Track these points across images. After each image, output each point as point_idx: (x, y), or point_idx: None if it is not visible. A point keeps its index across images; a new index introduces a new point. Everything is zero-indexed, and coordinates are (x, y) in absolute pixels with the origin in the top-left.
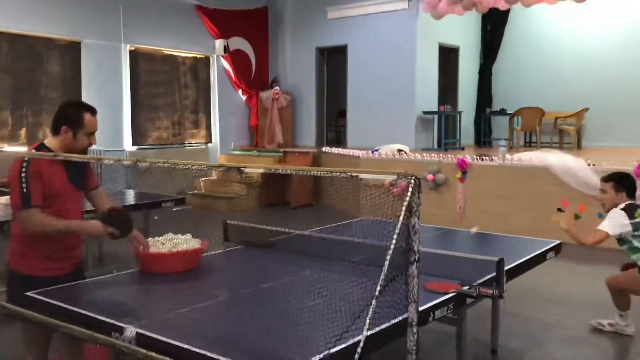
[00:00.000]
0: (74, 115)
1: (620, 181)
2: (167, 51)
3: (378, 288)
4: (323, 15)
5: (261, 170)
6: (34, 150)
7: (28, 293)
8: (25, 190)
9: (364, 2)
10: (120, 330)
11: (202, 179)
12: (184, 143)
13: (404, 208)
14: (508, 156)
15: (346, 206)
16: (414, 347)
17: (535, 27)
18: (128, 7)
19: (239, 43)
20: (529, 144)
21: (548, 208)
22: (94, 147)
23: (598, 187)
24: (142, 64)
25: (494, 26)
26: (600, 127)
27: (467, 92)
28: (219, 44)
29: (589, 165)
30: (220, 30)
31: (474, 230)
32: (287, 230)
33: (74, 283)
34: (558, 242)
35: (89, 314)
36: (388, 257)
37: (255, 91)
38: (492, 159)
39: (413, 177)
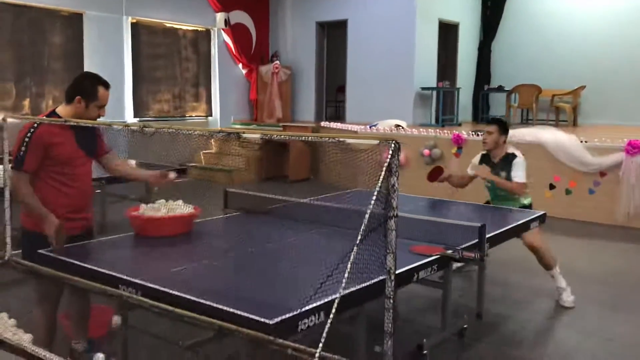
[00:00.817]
0: (89, 88)
1: (504, 125)
2: (168, 24)
3: (359, 237)
4: None
5: (258, 136)
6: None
7: (41, 250)
8: (21, 154)
9: None
10: (127, 283)
11: (203, 151)
12: (185, 116)
13: (384, 168)
14: None
15: (342, 179)
16: (392, 292)
17: (534, 4)
18: None
19: (239, 16)
20: (526, 121)
21: (540, 183)
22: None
23: (589, 164)
24: (144, 37)
25: (494, 3)
26: (596, 105)
27: (466, 68)
28: (220, 17)
29: (581, 142)
30: (222, 3)
31: None
32: (283, 198)
33: (81, 243)
34: (542, 212)
35: (97, 269)
36: (368, 211)
37: (255, 65)
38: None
39: (393, 142)
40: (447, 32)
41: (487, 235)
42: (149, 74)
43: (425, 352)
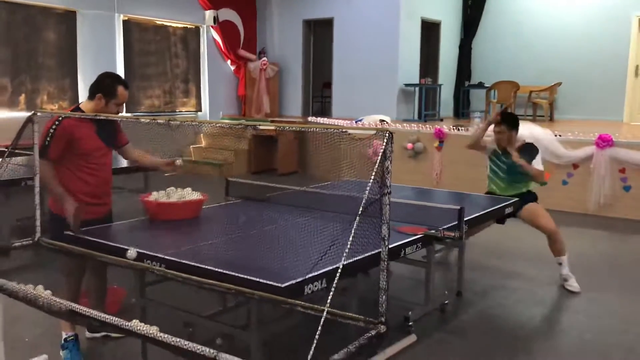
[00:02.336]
0: (109, 87)
1: (512, 121)
2: (159, 21)
3: (360, 209)
4: None
5: (272, 127)
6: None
7: (68, 232)
8: (47, 143)
9: None
10: (152, 258)
11: (192, 146)
12: (175, 111)
13: (381, 152)
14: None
15: (329, 173)
16: (386, 256)
17: (513, 4)
18: None
19: (228, 14)
20: None
21: None
22: None
23: (562, 156)
24: (135, 34)
25: (474, 3)
26: (572, 101)
27: (447, 65)
28: (209, 14)
29: (555, 136)
30: (210, 1)
31: None
32: (280, 186)
33: (103, 225)
34: (515, 199)
35: (123, 246)
36: (368, 188)
37: (243, 62)
38: (467, 130)
39: (387, 132)
40: (430, 31)
41: (466, 218)
42: (140, 70)
43: (410, 323)
